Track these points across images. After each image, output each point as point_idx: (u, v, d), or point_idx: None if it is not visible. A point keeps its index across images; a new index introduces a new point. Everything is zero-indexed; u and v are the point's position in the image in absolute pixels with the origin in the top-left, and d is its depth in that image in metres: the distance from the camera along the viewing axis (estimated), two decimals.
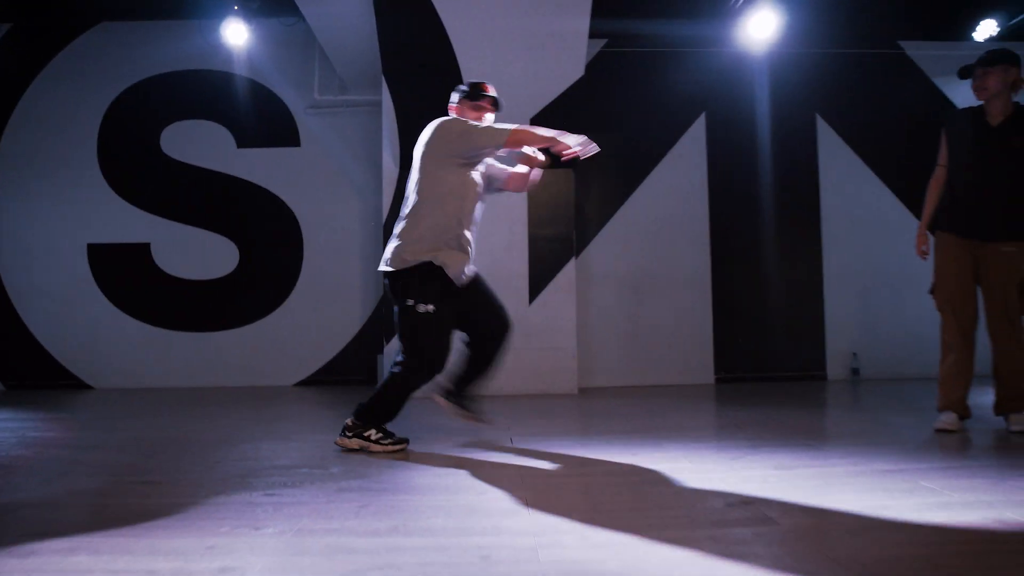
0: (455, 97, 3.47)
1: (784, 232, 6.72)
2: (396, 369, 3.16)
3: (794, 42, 6.44)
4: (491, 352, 3.39)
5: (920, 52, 6.85)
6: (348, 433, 3.17)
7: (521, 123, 5.11)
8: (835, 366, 6.67)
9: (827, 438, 3.59)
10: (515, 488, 2.43)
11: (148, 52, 7.01)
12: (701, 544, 1.77)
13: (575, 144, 3.05)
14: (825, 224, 6.73)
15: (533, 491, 2.39)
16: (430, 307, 3.08)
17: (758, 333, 6.65)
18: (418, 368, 3.14)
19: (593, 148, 3.05)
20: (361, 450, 3.15)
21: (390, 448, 3.15)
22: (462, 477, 2.63)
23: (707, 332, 6.61)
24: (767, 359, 6.64)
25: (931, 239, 3.73)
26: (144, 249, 6.92)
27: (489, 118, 3.40)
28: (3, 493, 2.49)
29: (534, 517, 2.06)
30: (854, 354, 6.64)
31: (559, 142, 3.08)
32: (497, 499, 2.29)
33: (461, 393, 3.44)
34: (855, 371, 6.62)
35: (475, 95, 3.41)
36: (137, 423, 4.38)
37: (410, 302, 3.10)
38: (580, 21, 5.31)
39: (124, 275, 6.92)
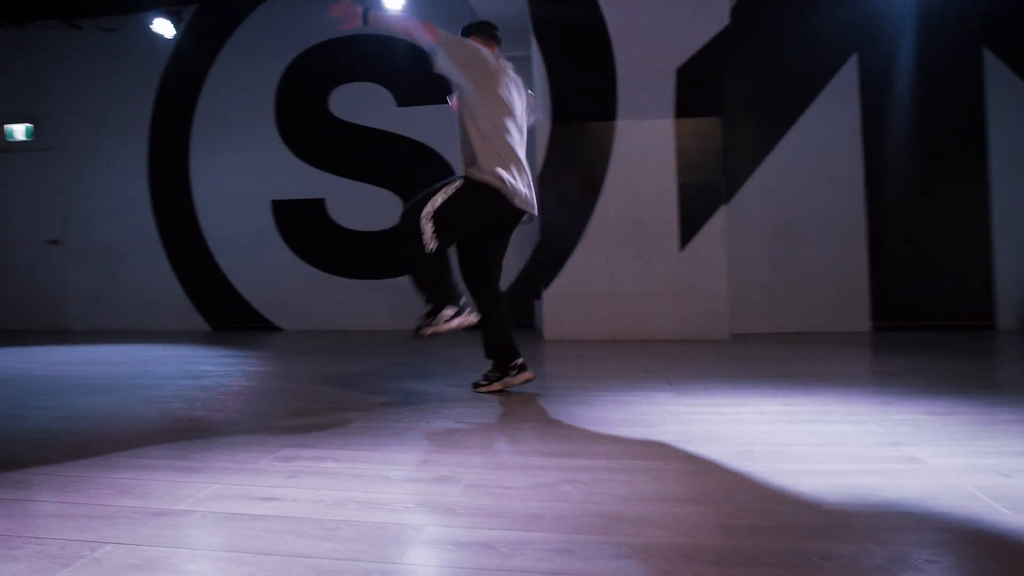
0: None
1: (945, 173, 6.40)
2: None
3: None
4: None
5: None
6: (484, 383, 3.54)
7: (667, 73, 5.23)
8: (1006, 315, 6.34)
9: (988, 388, 3.58)
10: (675, 424, 2.70)
11: (315, 21, 7.57)
12: (848, 476, 1.98)
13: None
14: (994, 165, 6.35)
15: (691, 426, 2.65)
16: None
17: (918, 279, 6.44)
18: None
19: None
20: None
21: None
22: (627, 413, 2.93)
23: (862, 278, 6.48)
24: (928, 306, 6.42)
25: None
26: (319, 204, 7.62)
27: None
28: (251, 416, 3.05)
29: (695, 446, 2.33)
30: None
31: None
32: (662, 432, 2.57)
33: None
34: None
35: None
36: (333, 360, 4.98)
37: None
38: None
39: (303, 228, 7.67)
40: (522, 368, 3.45)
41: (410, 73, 7.33)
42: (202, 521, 1.72)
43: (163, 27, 7.25)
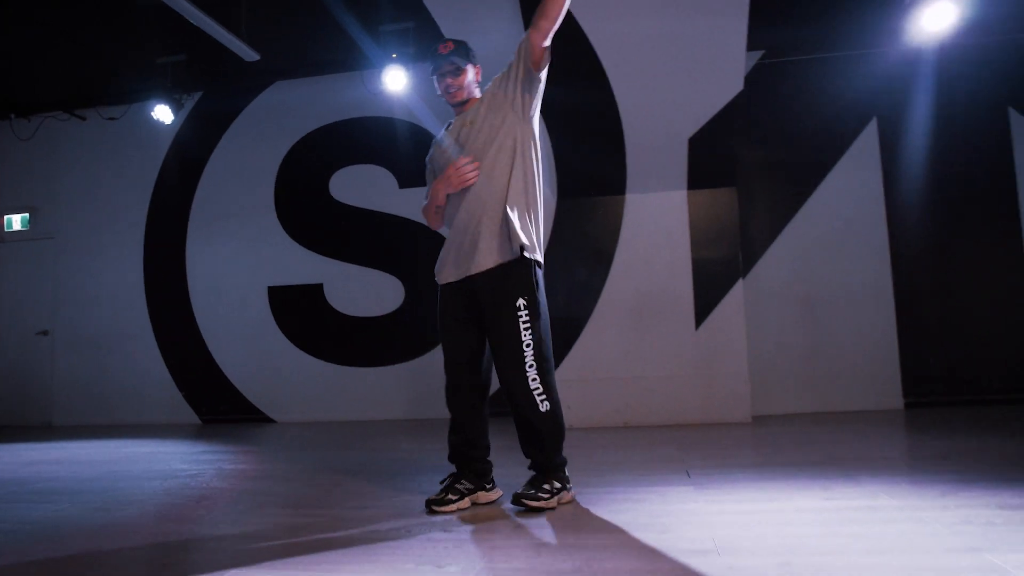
0: (473, 62, 2.91)
1: (976, 235, 6.06)
2: None
3: (973, 31, 5.86)
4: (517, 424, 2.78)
5: None
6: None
7: (679, 143, 5.01)
8: None
9: None
10: (697, 528, 2.28)
11: (316, 105, 7.51)
12: None
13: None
14: None
15: (717, 530, 2.23)
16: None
17: (953, 348, 6.00)
18: None
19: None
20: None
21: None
22: (641, 514, 2.51)
23: (892, 350, 6.06)
24: (966, 378, 5.97)
25: None
26: (318, 289, 7.34)
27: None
28: (210, 524, 2.65)
29: (723, 557, 1.91)
30: None
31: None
32: (681, 539, 2.15)
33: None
34: None
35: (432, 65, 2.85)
36: (317, 455, 4.57)
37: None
38: (737, 31, 5.07)
39: (300, 314, 7.37)
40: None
41: (411, 154, 7.17)
42: None
43: (162, 113, 7.17)
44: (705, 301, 5.65)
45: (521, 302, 2.59)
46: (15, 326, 8.12)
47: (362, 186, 7.35)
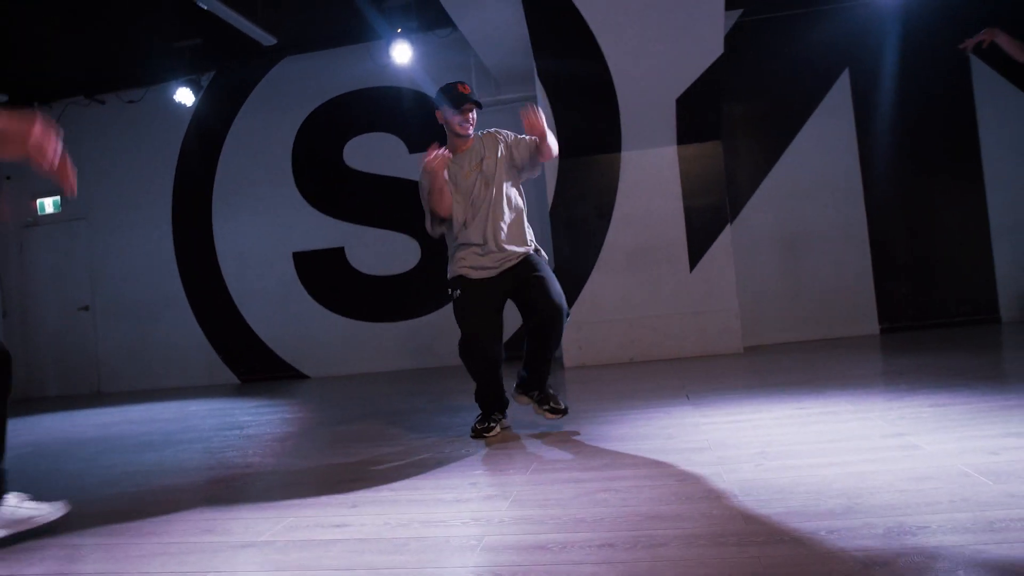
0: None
1: (942, 176, 6.67)
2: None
3: None
4: (542, 339, 3.32)
5: None
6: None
7: (667, 103, 5.48)
8: (1010, 307, 6.55)
9: (988, 378, 3.76)
10: (696, 433, 2.93)
11: (326, 78, 7.97)
12: (853, 465, 2.20)
13: None
14: (987, 163, 6.60)
15: (711, 434, 2.88)
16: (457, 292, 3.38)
17: (922, 280, 6.67)
18: (461, 344, 3.35)
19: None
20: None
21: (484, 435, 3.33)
22: (651, 427, 3.16)
23: (867, 284, 6.71)
24: (934, 306, 6.65)
25: None
26: (339, 253, 7.93)
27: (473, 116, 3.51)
28: (303, 458, 3.30)
29: (715, 452, 2.56)
30: None
31: None
32: (683, 442, 2.80)
33: (531, 386, 3.42)
34: None
35: (458, 100, 3.44)
36: (364, 402, 5.23)
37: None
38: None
39: (325, 277, 7.98)
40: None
41: (418, 120, 7.66)
42: (286, 548, 1.97)
43: (184, 96, 7.64)
44: (698, 246, 6.26)
45: (545, 258, 3.42)
46: (56, 303, 8.72)
47: (374, 153, 7.88)
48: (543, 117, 3.20)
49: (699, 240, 6.27)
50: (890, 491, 1.92)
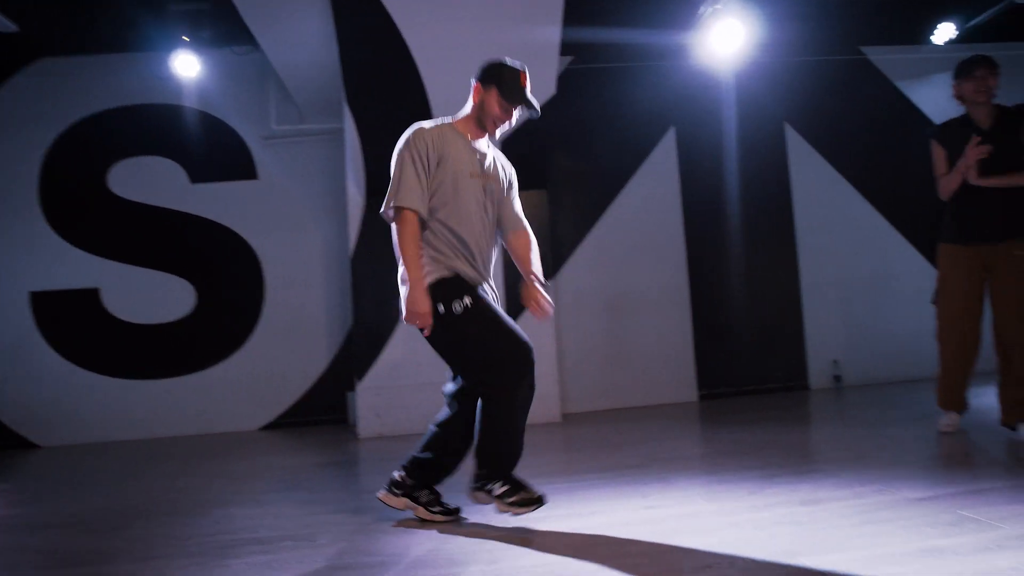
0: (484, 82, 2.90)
1: (760, 243, 6.62)
2: (479, 403, 2.69)
3: (760, 52, 6.31)
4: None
5: (881, 57, 6.84)
6: (396, 490, 2.79)
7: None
8: (817, 375, 6.57)
9: (836, 461, 3.34)
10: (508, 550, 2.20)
11: (91, 88, 6.63)
12: None
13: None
14: (800, 233, 6.65)
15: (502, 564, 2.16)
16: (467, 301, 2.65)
17: (739, 347, 6.53)
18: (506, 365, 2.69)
19: None
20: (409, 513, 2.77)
21: (438, 518, 2.73)
22: (462, 544, 2.38)
23: (688, 349, 6.46)
24: (749, 373, 6.51)
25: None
26: (93, 295, 6.53)
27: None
28: None
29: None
30: (835, 361, 6.55)
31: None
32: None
33: (493, 474, 2.64)
34: (837, 378, 6.52)
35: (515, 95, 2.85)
36: (92, 490, 4.01)
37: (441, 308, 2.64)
38: (551, 35, 5.13)
39: (72, 324, 6.51)
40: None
41: (203, 146, 6.58)
42: None
43: None
44: (516, 304, 5.65)
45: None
46: None
47: (147, 180, 6.60)
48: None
49: (517, 297, 5.67)
50: None
